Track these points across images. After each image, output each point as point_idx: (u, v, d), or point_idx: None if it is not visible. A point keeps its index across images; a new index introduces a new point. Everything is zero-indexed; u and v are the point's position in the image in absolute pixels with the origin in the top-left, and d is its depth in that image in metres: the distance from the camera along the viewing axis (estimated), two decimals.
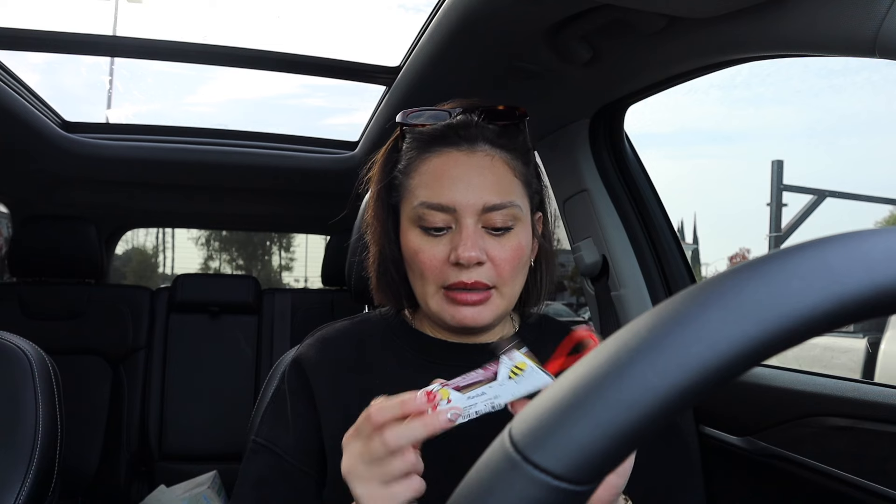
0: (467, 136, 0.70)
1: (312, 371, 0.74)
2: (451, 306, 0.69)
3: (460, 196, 0.68)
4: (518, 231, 0.70)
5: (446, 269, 0.68)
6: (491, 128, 0.71)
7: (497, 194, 0.68)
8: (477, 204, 0.68)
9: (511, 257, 0.69)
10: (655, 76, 1.10)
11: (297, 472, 0.70)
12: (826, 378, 0.96)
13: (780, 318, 0.23)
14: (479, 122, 0.71)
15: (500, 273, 0.69)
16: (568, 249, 1.56)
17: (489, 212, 0.68)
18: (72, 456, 1.23)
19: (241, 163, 2.00)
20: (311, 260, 19.36)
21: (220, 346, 2.30)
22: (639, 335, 0.24)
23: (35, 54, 1.49)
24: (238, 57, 1.46)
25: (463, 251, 0.66)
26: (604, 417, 0.23)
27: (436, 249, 0.69)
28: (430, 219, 0.69)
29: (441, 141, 0.71)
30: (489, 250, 0.68)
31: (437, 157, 0.70)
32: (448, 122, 0.71)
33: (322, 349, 0.76)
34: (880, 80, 47.14)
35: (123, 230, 2.81)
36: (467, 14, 0.96)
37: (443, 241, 0.69)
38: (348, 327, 0.80)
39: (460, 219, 0.68)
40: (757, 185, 46.96)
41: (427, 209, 0.69)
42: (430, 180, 0.70)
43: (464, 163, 0.69)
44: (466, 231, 0.67)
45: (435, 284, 0.70)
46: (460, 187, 0.68)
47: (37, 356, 0.98)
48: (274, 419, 0.74)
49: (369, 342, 0.78)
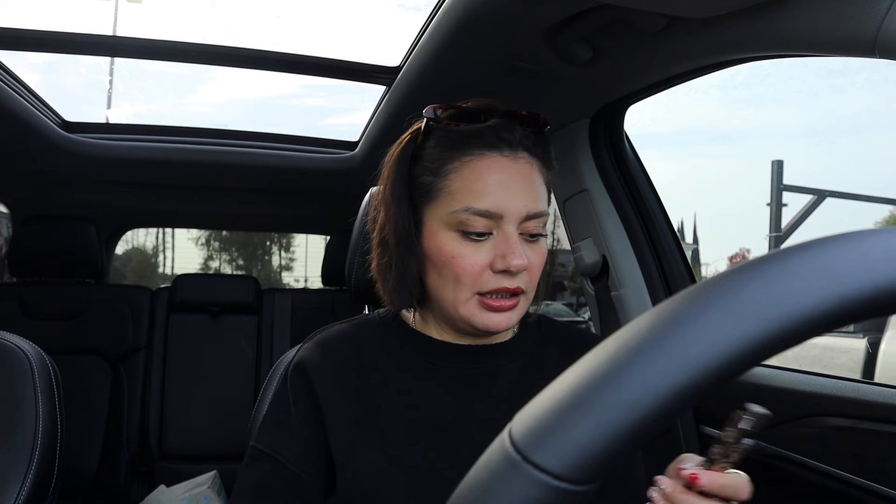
0: (510, 140, 0.69)
1: (315, 374, 0.72)
2: (484, 312, 0.69)
3: (507, 203, 0.67)
4: (545, 237, 0.72)
5: (486, 276, 0.68)
6: (527, 133, 0.71)
7: (537, 202, 0.69)
8: (521, 211, 0.67)
9: (541, 263, 0.71)
10: (655, 76, 1.10)
11: (300, 481, 0.69)
12: (826, 378, 0.96)
13: (781, 318, 0.23)
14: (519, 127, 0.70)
15: (532, 279, 0.70)
16: (568, 249, 1.56)
17: (529, 220, 0.68)
18: (72, 456, 1.23)
19: (241, 163, 1.99)
20: (311, 260, 19.38)
21: (220, 346, 2.29)
22: (639, 335, 0.24)
23: (35, 54, 1.49)
24: (238, 57, 1.46)
25: (513, 259, 0.66)
26: (604, 417, 0.23)
27: (476, 256, 0.68)
28: (472, 224, 0.67)
29: (480, 142, 0.69)
30: (527, 257, 0.68)
31: (479, 159, 0.68)
32: (489, 124, 0.69)
33: (323, 352, 0.75)
34: (880, 80, 47.13)
35: (123, 230, 2.81)
36: (467, 14, 0.96)
37: (483, 247, 0.68)
38: (347, 330, 0.79)
39: (504, 226, 0.67)
40: (757, 185, 46.95)
41: (471, 215, 0.67)
42: (474, 185, 0.67)
43: (508, 168, 0.68)
44: (514, 238, 0.67)
45: (471, 290, 0.68)
46: (506, 193, 0.67)
47: (37, 356, 0.98)
48: (276, 425, 0.72)
49: (368, 344, 0.76)
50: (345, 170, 2.03)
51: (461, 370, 0.74)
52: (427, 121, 0.72)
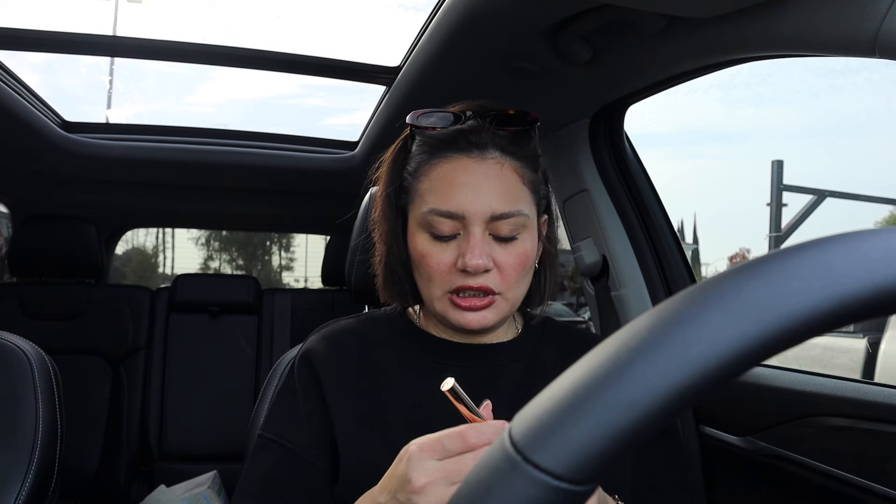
0: (478, 141, 0.70)
1: (321, 365, 0.74)
2: (456, 311, 0.70)
3: (469, 204, 0.68)
4: (524, 238, 0.71)
5: (453, 274, 0.69)
6: (502, 134, 0.71)
7: (505, 203, 0.68)
8: (485, 212, 0.68)
9: (517, 264, 0.70)
10: (655, 76, 1.10)
11: (309, 466, 0.70)
12: (826, 378, 0.96)
13: (781, 318, 0.23)
14: (490, 127, 0.70)
15: (505, 279, 0.70)
16: (568, 249, 1.56)
17: (497, 220, 0.68)
18: (72, 456, 1.23)
19: (241, 163, 1.99)
20: (311, 260, 19.39)
21: (220, 346, 2.30)
22: (639, 335, 0.24)
23: (35, 54, 1.49)
24: (238, 57, 1.46)
25: (470, 259, 0.67)
26: (603, 417, 0.23)
27: (444, 255, 0.69)
28: (438, 225, 0.69)
29: (451, 146, 0.70)
30: (496, 257, 0.69)
31: (446, 162, 0.70)
32: (459, 127, 0.70)
33: (329, 345, 0.76)
34: (880, 80, 47.12)
35: (123, 230, 2.81)
36: (467, 14, 0.96)
37: (451, 246, 0.70)
38: (354, 325, 0.80)
39: (468, 226, 0.68)
40: (757, 185, 46.96)
41: (435, 216, 0.69)
42: (440, 186, 0.69)
43: (473, 170, 0.69)
44: (474, 239, 0.68)
45: (441, 289, 0.70)
46: (469, 195, 0.68)
47: (37, 356, 0.98)
48: (283, 413, 0.74)
49: (374, 340, 0.78)
50: (345, 170, 2.03)
51: (463, 368, 0.75)
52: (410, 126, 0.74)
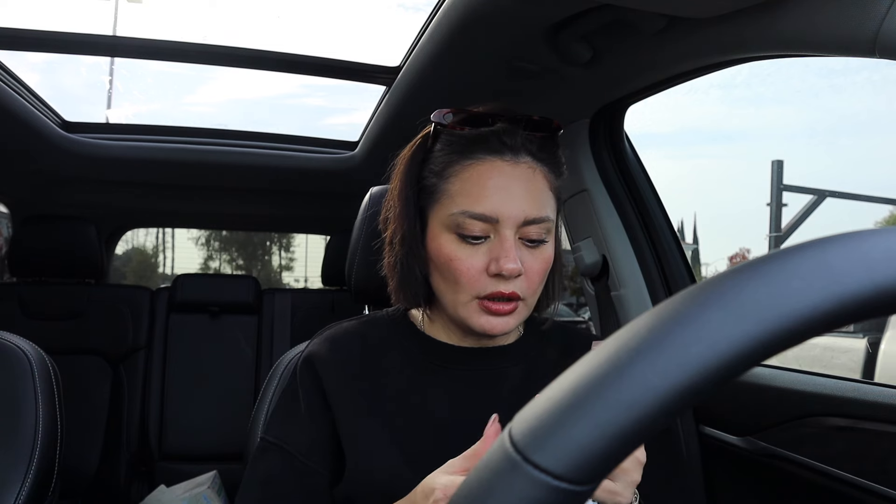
0: (512, 144, 0.69)
1: (324, 369, 0.74)
2: (483, 315, 0.69)
3: (503, 207, 0.67)
4: (549, 242, 0.71)
5: (483, 279, 0.68)
6: (532, 138, 0.71)
7: (537, 208, 0.68)
8: (519, 216, 0.67)
9: (541, 269, 0.70)
10: (655, 76, 1.10)
11: (308, 471, 0.70)
12: (826, 378, 0.96)
13: (780, 318, 0.23)
14: (522, 131, 0.70)
15: (530, 284, 0.69)
16: (568, 249, 1.56)
17: (528, 225, 0.68)
18: (72, 456, 1.23)
19: (241, 163, 1.99)
20: (311, 260, 19.36)
21: (220, 346, 2.30)
22: (639, 335, 0.24)
23: (35, 54, 1.49)
24: (238, 57, 1.46)
25: (506, 263, 0.66)
26: (604, 417, 0.23)
27: (474, 259, 0.68)
28: (469, 227, 0.68)
29: (483, 147, 0.69)
30: (525, 262, 0.68)
31: (480, 164, 0.69)
32: (493, 129, 0.70)
33: (331, 348, 0.76)
34: (880, 80, 47.11)
35: (123, 230, 2.81)
36: (467, 14, 0.96)
37: (481, 250, 0.68)
38: (356, 327, 0.80)
39: (501, 230, 0.68)
40: (757, 185, 46.95)
41: (468, 218, 0.68)
42: (472, 188, 0.68)
43: (508, 173, 0.68)
44: (509, 242, 0.67)
45: (469, 294, 0.69)
46: (503, 198, 0.67)
47: (37, 356, 0.98)
48: (285, 417, 0.74)
49: (376, 343, 0.78)
50: (345, 170, 2.03)
51: (465, 372, 0.75)
52: (435, 125, 0.72)
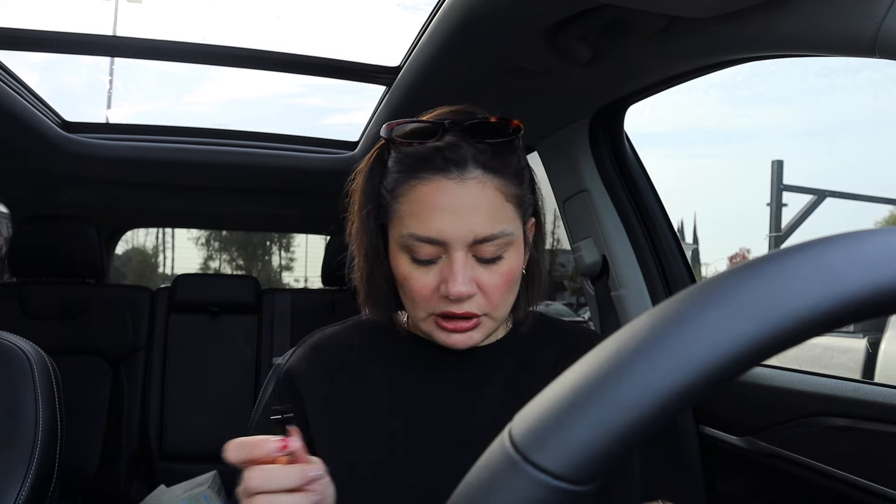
0: (456, 160, 0.65)
1: (303, 382, 0.74)
2: (442, 332, 0.68)
3: (450, 229, 0.64)
4: (509, 256, 0.67)
5: (436, 298, 0.67)
6: (482, 148, 0.66)
7: (488, 225, 0.65)
8: (467, 237, 0.64)
9: (502, 283, 0.67)
10: (655, 76, 1.10)
11: None
12: (826, 378, 0.96)
13: (780, 318, 0.23)
14: (470, 141, 0.65)
15: (490, 301, 0.67)
16: (568, 249, 1.56)
17: (480, 243, 0.65)
18: (72, 456, 1.23)
19: (240, 163, 1.99)
20: (311, 260, 19.40)
21: (220, 346, 2.29)
22: (639, 335, 0.24)
23: (35, 54, 1.49)
24: (238, 57, 1.46)
25: (453, 287, 0.64)
26: (603, 417, 0.23)
27: (426, 279, 0.67)
28: (418, 250, 0.66)
29: (429, 165, 0.65)
30: (480, 279, 0.66)
31: (424, 184, 0.65)
32: (436, 144, 0.65)
33: (313, 357, 0.76)
34: (881, 80, 47.10)
35: (123, 230, 2.81)
36: (467, 14, 0.96)
37: (432, 270, 0.67)
38: (340, 332, 0.80)
39: (450, 251, 0.65)
40: (757, 185, 46.92)
41: (416, 241, 0.65)
42: (418, 210, 0.65)
43: (453, 192, 0.64)
44: (457, 265, 0.64)
45: (425, 311, 0.68)
46: (450, 220, 0.64)
47: (37, 356, 0.98)
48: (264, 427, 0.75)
49: (361, 346, 0.77)
50: (345, 170, 2.02)
51: (450, 371, 0.74)
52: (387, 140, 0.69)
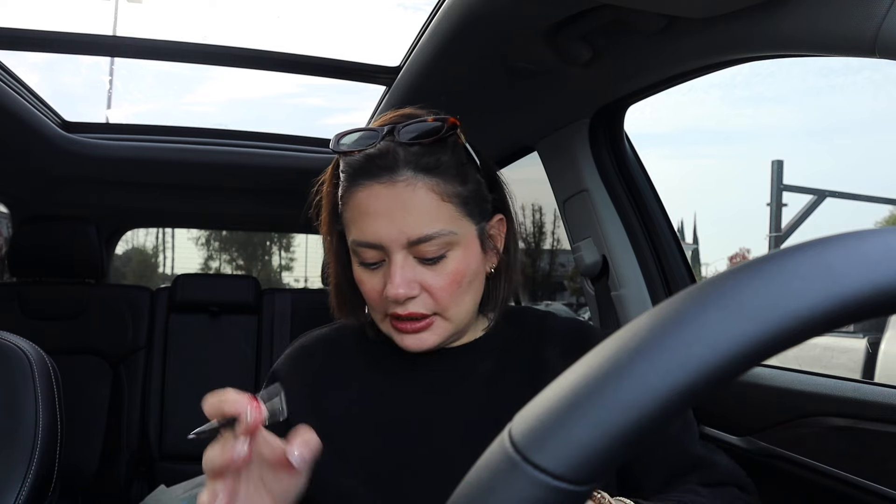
0: (386, 165, 0.66)
1: (285, 382, 0.75)
2: (397, 333, 0.70)
3: (383, 232, 0.66)
4: (454, 256, 0.68)
5: (385, 301, 0.68)
6: (413, 150, 0.66)
7: (421, 226, 0.65)
8: (400, 239, 0.66)
9: (448, 284, 0.68)
10: (655, 76, 1.10)
11: None
12: (826, 378, 0.96)
13: (780, 318, 0.23)
14: (400, 144, 0.66)
15: (438, 301, 0.68)
16: (568, 249, 1.56)
17: (417, 244, 0.66)
18: (72, 456, 1.23)
19: (240, 163, 1.99)
20: (311, 260, 19.40)
21: (220, 346, 2.29)
22: (639, 335, 0.24)
23: (35, 54, 1.49)
24: (238, 57, 1.46)
25: (391, 289, 0.66)
26: (603, 418, 0.23)
27: (373, 282, 0.69)
28: (363, 255, 0.69)
29: (364, 173, 0.67)
30: (423, 280, 0.67)
31: (361, 191, 0.67)
32: (368, 152, 0.67)
33: (297, 360, 0.78)
34: (881, 80, 47.07)
35: (123, 230, 2.81)
36: (467, 14, 0.96)
37: (379, 273, 0.69)
38: (326, 334, 0.81)
39: (389, 254, 0.67)
40: (757, 185, 46.91)
41: (359, 247, 0.68)
42: (357, 217, 0.68)
43: (384, 195, 0.66)
44: (394, 267, 0.66)
45: (380, 313, 0.71)
46: (383, 223, 0.66)
47: (37, 356, 0.98)
48: None
49: (346, 349, 0.79)
50: None
51: (432, 371, 0.75)
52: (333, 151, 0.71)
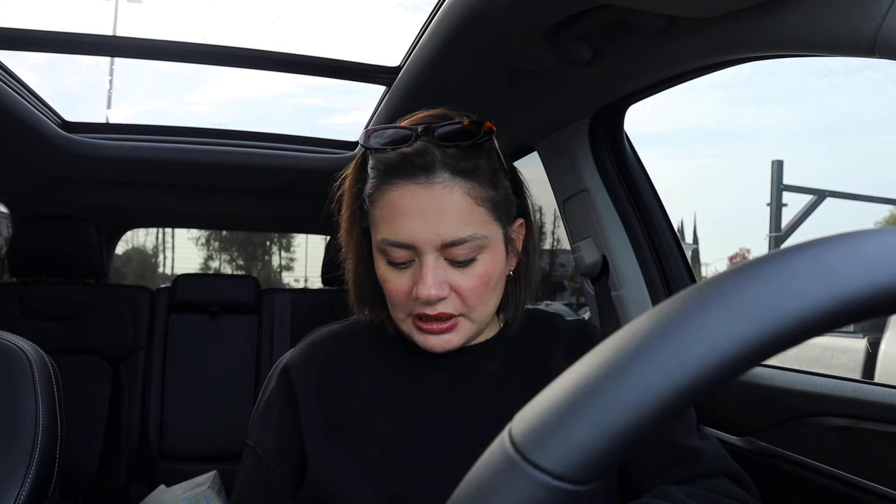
0: (423, 165, 0.66)
1: (298, 378, 0.75)
2: (420, 333, 0.70)
3: (417, 233, 0.65)
4: (484, 259, 0.68)
5: (411, 300, 0.68)
6: (451, 152, 0.66)
7: (456, 229, 0.65)
8: (434, 241, 0.66)
9: (477, 286, 0.68)
10: (655, 76, 1.10)
11: (273, 474, 0.73)
12: (826, 378, 0.96)
13: (780, 318, 0.23)
14: (438, 145, 0.66)
15: (465, 302, 0.68)
16: (568, 249, 1.56)
17: (449, 247, 0.66)
18: (72, 456, 1.23)
19: (240, 163, 1.99)
20: (311, 260, 19.41)
21: (220, 346, 2.29)
22: (639, 335, 0.24)
23: (35, 54, 1.49)
24: (238, 57, 1.46)
25: (422, 290, 0.66)
26: (603, 418, 0.23)
27: (401, 281, 0.69)
28: (392, 254, 0.68)
29: (399, 172, 0.67)
30: (453, 282, 0.67)
31: (395, 189, 0.67)
32: (404, 150, 0.67)
33: (310, 355, 0.78)
34: (881, 80, 47.06)
35: (123, 230, 2.81)
36: (467, 14, 0.96)
37: (407, 273, 0.68)
38: (339, 330, 0.81)
39: (420, 255, 0.67)
40: (757, 185, 46.91)
41: (388, 246, 0.68)
42: (389, 215, 0.67)
43: (421, 196, 0.65)
44: (426, 268, 0.66)
45: (404, 312, 0.70)
46: (417, 224, 0.65)
47: (37, 356, 0.98)
48: (261, 423, 0.77)
49: (358, 346, 0.79)
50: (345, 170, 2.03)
51: (443, 371, 0.75)
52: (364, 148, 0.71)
